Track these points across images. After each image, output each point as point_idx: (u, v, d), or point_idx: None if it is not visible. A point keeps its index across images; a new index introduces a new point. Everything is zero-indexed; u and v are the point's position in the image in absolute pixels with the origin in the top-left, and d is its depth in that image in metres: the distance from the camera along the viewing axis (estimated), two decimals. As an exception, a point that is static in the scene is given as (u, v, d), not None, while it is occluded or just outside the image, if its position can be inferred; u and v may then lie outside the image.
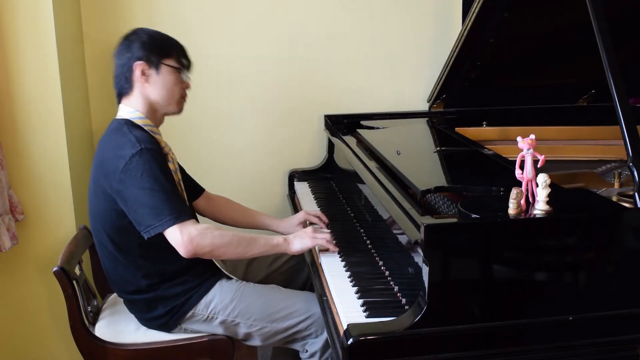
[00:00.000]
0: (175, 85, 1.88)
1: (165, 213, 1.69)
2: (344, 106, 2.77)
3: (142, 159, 1.71)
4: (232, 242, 1.77)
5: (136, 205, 1.71)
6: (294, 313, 1.86)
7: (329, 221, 2.13)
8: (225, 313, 1.87)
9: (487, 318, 1.38)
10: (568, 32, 2.29)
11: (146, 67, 1.83)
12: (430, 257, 1.33)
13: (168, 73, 1.86)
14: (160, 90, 1.86)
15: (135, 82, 1.85)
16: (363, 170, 1.98)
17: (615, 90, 1.53)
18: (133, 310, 1.96)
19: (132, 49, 1.84)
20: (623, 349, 1.45)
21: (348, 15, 2.75)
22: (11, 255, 2.34)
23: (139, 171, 1.70)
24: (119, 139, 1.78)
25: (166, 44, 1.88)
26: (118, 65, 1.88)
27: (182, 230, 1.70)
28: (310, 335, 1.86)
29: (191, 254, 1.73)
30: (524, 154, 1.41)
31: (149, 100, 1.87)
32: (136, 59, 1.83)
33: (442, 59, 2.59)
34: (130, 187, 1.71)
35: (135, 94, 1.87)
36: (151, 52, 1.83)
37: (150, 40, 1.85)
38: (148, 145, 1.75)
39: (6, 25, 2.19)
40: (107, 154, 1.79)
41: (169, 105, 1.89)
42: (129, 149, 1.73)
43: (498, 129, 2.48)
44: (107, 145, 1.82)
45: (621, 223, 1.43)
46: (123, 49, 1.87)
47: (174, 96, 1.89)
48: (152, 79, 1.85)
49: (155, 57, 1.84)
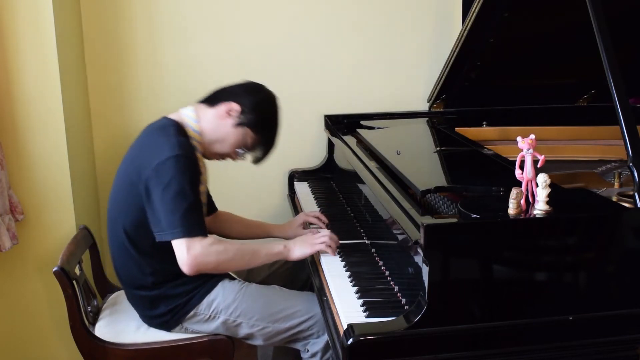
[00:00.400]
0: (229, 145, 1.89)
1: (179, 224, 1.70)
2: (344, 106, 2.77)
3: (176, 165, 1.72)
4: (235, 257, 1.80)
5: (156, 206, 1.73)
6: (296, 313, 1.86)
7: (329, 221, 2.13)
8: (227, 313, 1.87)
9: (487, 318, 1.38)
10: (568, 32, 2.29)
11: (236, 115, 1.86)
12: (430, 257, 1.33)
13: (238, 136, 1.87)
14: (217, 134, 1.88)
15: (218, 108, 1.87)
16: (363, 170, 1.98)
17: (615, 90, 1.53)
18: (136, 305, 1.96)
19: (250, 96, 1.88)
20: (623, 349, 1.45)
21: (348, 15, 2.75)
22: (11, 255, 2.34)
23: (169, 175, 1.71)
24: (160, 138, 1.79)
25: (267, 128, 1.91)
26: (232, 88, 1.92)
27: (189, 247, 1.71)
28: (312, 336, 1.86)
29: (193, 272, 1.74)
30: (524, 154, 1.41)
31: (208, 128, 1.88)
32: (241, 104, 1.86)
33: (442, 59, 2.58)
34: (157, 187, 1.72)
35: (208, 113, 1.88)
36: (253, 114, 1.86)
37: (263, 111, 1.89)
38: (186, 153, 1.76)
39: (6, 25, 2.19)
40: (145, 150, 1.80)
41: (209, 145, 1.89)
42: (167, 150, 1.73)
43: (498, 129, 2.48)
44: (147, 141, 1.83)
45: (621, 223, 1.43)
46: (248, 87, 1.91)
47: (217, 148, 1.90)
48: (226, 122, 1.87)
49: (249, 120, 1.86)
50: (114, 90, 2.66)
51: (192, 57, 2.69)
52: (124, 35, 2.62)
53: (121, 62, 2.64)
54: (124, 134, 2.70)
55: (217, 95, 1.92)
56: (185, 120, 1.88)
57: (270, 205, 2.82)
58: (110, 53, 2.63)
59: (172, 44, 2.67)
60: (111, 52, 2.63)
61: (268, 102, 1.92)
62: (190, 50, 2.68)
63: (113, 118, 2.69)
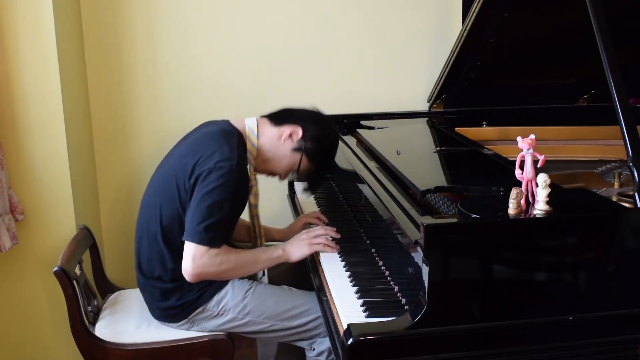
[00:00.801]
0: (282, 167, 1.95)
1: (201, 231, 1.72)
2: (344, 106, 2.76)
3: (226, 176, 1.74)
4: (236, 266, 1.81)
5: (193, 206, 1.74)
6: (304, 313, 1.87)
7: (329, 221, 2.13)
8: (236, 311, 1.88)
9: (487, 318, 1.38)
10: (568, 32, 2.29)
11: (297, 140, 1.90)
12: (430, 257, 1.33)
13: (294, 159, 1.92)
14: (275, 154, 1.92)
15: (283, 130, 1.91)
16: (363, 170, 1.98)
17: (615, 90, 1.53)
18: (146, 294, 1.96)
19: (315, 126, 1.92)
20: (623, 349, 1.45)
21: (348, 15, 2.75)
22: (11, 255, 2.33)
23: (215, 183, 1.73)
24: (223, 144, 1.80)
25: (322, 159, 1.96)
26: (299, 112, 1.95)
27: (196, 255, 1.73)
28: (319, 335, 1.87)
29: (193, 280, 1.78)
30: (524, 154, 1.41)
31: (267, 146, 1.91)
32: (304, 129, 1.90)
33: (442, 59, 2.58)
34: (199, 190, 1.74)
35: (270, 131, 1.92)
36: (313, 143, 1.90)
37: (323, 142, 1.94)
38: (240, 169, 1.78)
39: (6, 25, 2.19)
40: (203, 147, 1.80)
41: (263, 162, 1.94)
42: (223, 159, 1.75)
43: (498, 129, 2.48)
44: (209, 141, 1.83)
45: (621, 223, 1.43)
46: (314, 116, 1.95)
47: (271, 167, 1.96)
48: (286, 144, 1.91)
49: (309, 147, 1.90)
50: (114, 90, 2.66)
51: (192, 58, 2.69)
52: (124, 35, 2.62)
53: (121, 62, 2.64)
54: (124, 134, 2.70)
55: (283, 115, 1.95)
56: (247, 132, 1.91)
57: (270, 205, 2.81)
58: (110, 53, 2.63)
59: (172, 44, 2.67)
60: (111, 52, 2.63)
61: (330, 135, 1.99)
62: (190, 50, 2.68)
63: (113, 118, 2.69)
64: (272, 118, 1.95)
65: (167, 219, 1.84)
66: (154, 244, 1.87)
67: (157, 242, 1.86)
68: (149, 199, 1.93)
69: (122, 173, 2.74)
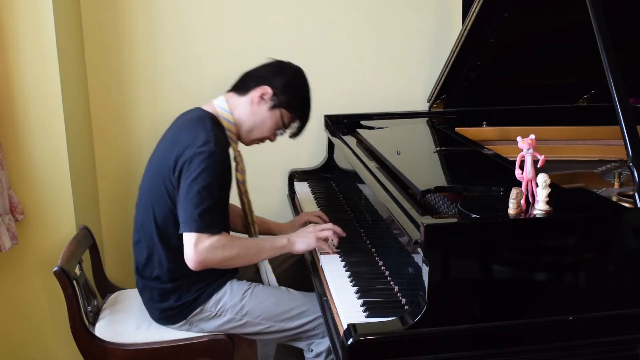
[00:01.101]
0: (267, 129, 1.92)
1: (196, 218, 1.71)
2: (344, 106, 2.76)
3: (208, 160, 1.73)
4: (240, 254, 1.79)
5: (182, 197, 1.74)
6: (303, 313, 1.87)
7: (329, 221, 2.13)
8: (234, 311, 1.88)
9: (487, 318, 1.38)
10: (568, 32, 2.29)
11: (270, 97, 1.88)
12: (430, 257, 1.33)
13: (274, 118, 1.90)
14: (254, 120, 1.90)
15: (249, 95, 1.89)
16: (363, 170, 1.98)
17: (615, 90, 1.53)
18: (144, 295, 1.96)
19: (279, 77, 1.89)
20: (623, 349, 1.45)
21: (348, 15, 2.75)
22: (11, 255, 2.33)
23: (199, 169, 1.72)
24: (198, 131, 1.79)
25: (300, 104, 1.93)
26: (259, 72, 1.92)
27: (197, 242, 1.72)
28: (317, 335, 1.87)
29: (198, 268, 1.75)
30: (524, 154, 1.41)
31: (244, 116, 1.90)
32: (272, 86, 1.87)
33: (442, 59, 2.58)
34: (186, 178, 1.74)
35: (240, 102, 1.90)
36: (285, 94, 1.88)
37: (295, 88, 1.91)
38: (221, 150, 1.77)
39: (6, 25, 2.19)
40: (180, 139, 1.80)
41: (247, 133, 1.93)
42: (202, 144, 1.74)
43: (498, 129, 2.48)
44: (183, 131, 1.83)
45: (621, 223, 1.43)
46: (275, 68, 1.92)
47: (256, 134, 1.94)
48: (261, 107, 1.89)
49: (282, 100, 1.88)
50: (114, 90, 2.66)
51: (192, 57, 2.69)
52: (124, 35, 2.62)
53: (121, 62, 2.64)
54: (124, 134, 2.70)
55: (245, 81, 1.92)
56: (219, 112, 1.89)
57: (270, 205, 2.82)
58: (110, 53, 2.63)
59: (172, 44, 2.67)
60: (111, 52, 2.63)
61: (297, 78, 1.94)
62: (190, 50, 2.68)
63: (113, 118, 2.69)
64: (237, 89, 1.93)
65: (160, 218, 1.84)
66: (151, 244, 1.87)
67: (154, 242, 1.86)
68: (141, 202, 1.93)
69: (122, 173, 2.73)
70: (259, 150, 2.78)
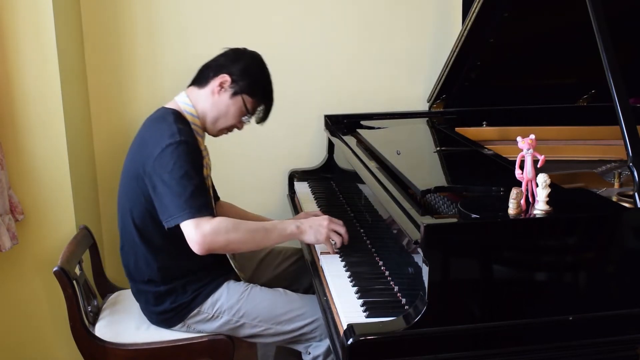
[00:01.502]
0: (232, 117, 1.92)
1: (187, 206, 1.70)
2: (344, 106, 2.76)
3: (178, 150, 1.74)
4: (245, 236, 1.76)
5: (162, 193, 1.73)
6: (300, 316, 1.86)
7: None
8: (231, 313, 1.87)
9: (487, 318, 1.38)
10: (568, 32, 2.29)
11: (227, 84, 1.88)
12: (430, 257, 1.33)
13: (237, 105, 1.90)
14: (218, 110, 1.90)
15: (210, 86, 1.90)
16: (363, 170, 1.98)
17: (615, 90, 1.53)
18: (140, 300, 1.96)
19: (236, 63, 1.90)
20: (623, 349, 1.45)
21: (348, 15, 2.75)
22: (11, 255, 2.33)
23: (172, 161, 1.73)
24: (161, 126, 1.81)
25: (260, 88, 1.93)
26: (216, 61, 1.93)
27: (197, 227, 1.70)
28: (314, 339, 1.86)
29: (204, 251, 1.72)
30: (524, 154, 1.41)
31: (207, 108, 1.90)
32: (228, 72, 1.88)
33: (442, 59, 2.58)
34: (161, 175, 1.73)
35: (201, 93, 1.91)
36: (244, 80, 1.88)
37: (253, 73, 1.91)
38: (187, 139, 1.77)
39: (6, 25, 2.19)
40: (146, 141, 1.82)
41: (212, 124, 1.93)
42: (167, 137, 1.75)
43: (498, 129, 2.48)
44: (149, 131, 1.85)
45: (621, 223, 1.43)
46: (230, 56, 1.93)
47: (222, 123, 1.93)
48: (222, 95, 1.89)
49: (242, 86, 1.88)
50: (114, 90, 2.66)
51: (192, 57, 2.65)
52: (124, 35, 2.62)
53: (121, 62, 2.64)
54: (124, 134, 2.70)
55: (203, 73, 1.93)
56: (181, 107, 1.90)
57: (270, 205, 2.82)
58: (110, 53, 2.63)
59: (172, 44, 2.67)
60: (111, 52, 2.63)
61: (254, 63, 1.94)
62: (190, 50, 2.68)
63: (113, 118, 2.69)
64: (196, 82, 1.94)
65: (139, 219, 1.84)
66: (135, 247, 1.88)
67: (136, 244, 1.86)
68: (119, 207, 1.93)
69: (122, 173, 2.73)
70: (259, 151, 2.80)
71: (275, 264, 2.18)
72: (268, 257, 2.20)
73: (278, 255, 2.21)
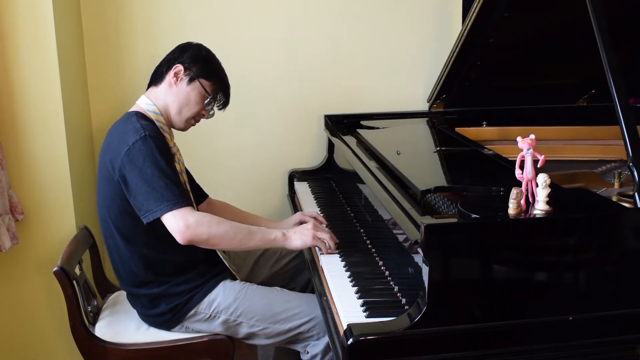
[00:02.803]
0: (194, 104, 1.92)
1: (164, 199, 1.72)
2: (344, 106, 2.77)
3: (145, 145, 1.75)
4: (228, 233, 1.78)
5: (136, 189, 1.74)
6: (297, 315, 1.86)
7: (329, 221, 2.13)
8: (228, 312, 1.87)
9: (487, 318, 1.38)
10: (568, 32, 2.29)
11: (182, 73, 1.90)
12: (430, 257, 1.33)
13: (196, 90, 1.91)
14: (179, 99, 1.91)
15: (166, 80, 1.92)
16: (363, 170, 1.98)
17: (615, 90, 1.53)
18: (136, 305, 1.96)
19: (183, 54, 1.93)
20: (623, 349, 1.45)
21: (348, 15, 2.75)
22: (11, 255, 2.34)
23: (141, 157, 1.74)
24: (125, 127, 1.82)
25: (214, 70, 1.95)
26: (165, 58, 1.96)
27: (179, 217, 1.72)
28: (312, 337, 1.86)
29: (187, 240, 1.74)
30: (524, 154, 1.41)
31: (166, 102, 1.92)
32: (179, 62, 1.91)
33: (442, 59, 2.58)
34: (132, 171, 1.75)
35: (160, 90, 1.93)
36: (196, 65, 1.91)
37: (203, 57, 1.94)
38: (152, 133, 1.79)
39: (6, 25, 2.19)
40: (113, 140, 1.83)
41: (176, 115, 1.93)
42: (132, 135, 1.77)
43: (498, 129, 2.48)
44: (114, 133, 1.86)
45: (621, 223, 1.43)
46: (177, 49, 1.96)
47: (186, 112, 1.93)
48: (180, 85, 1.91)
49: (196, 71, 1.90)
50: (114, 90, 2.66)
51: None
52: (124, 35, 2.62)
53: (121, 62, 2.64)
54: (124, 134, 2.69)
55: (157, 72, 1.97)
56: (144, 108, 1.93)
57: (270, 205, 2.82)
58: (110, 53, 2.63)
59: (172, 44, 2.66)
60: (111, 52, 2.63)
61: (202, 49, 1.97)
62: (190, 50, 2.67)
63: (113, 118, 2.66)
64: (152, 82, 1.97)
65: (118, 220, 1.85)
66: (120, 251, 1.88)
67: (121, 248, 1.87)
68: (100, 213, 1.93)
69: (122, 173, 2.73)
70: (259, 151, 2.80)
71: (271, 263, 2.18)
72: (264, 256, 2.20)
73: (274, 254, 2.21)
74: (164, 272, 1.87)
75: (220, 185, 2.45)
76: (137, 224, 1.80)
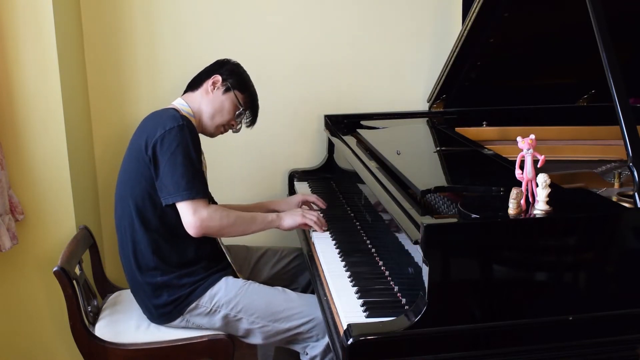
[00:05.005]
0: (227, 112, 2.05)
1: (186, 187, 1.82)
2: (344, 106, 2.77)
3: (181, 133, 1.84)
4: (236, 222, 1.92)
5: (164, 171, 1.83)
6: (297, 315, 1.87)
7: (329, 221, 2.13)
8: (229, 307, 1.89)
9: (487, 318, 1.38)
10: (568, 32, 2.29)
11: (219, 82, 2.03)
12: (430, 257, 1.33)
13: (230, 100, 2.04)
14: (213, 106, 2.03)
15: (203, 87, 2.04)
16: (363, 170, 1.98)
17: (615, 90, 1.53)
18: (138, 295, 1.97)
19: (222, 67, 2.07)
20: (623, 349, 1.45)
21: (348, 15, 2.75)
22: (11, 255, 2.34)
23: (176, 142, 1.83)
24: (164, 114, 1.92)
25: (248, 86, 2.10)
26: (205, 70, 2.09)
27: (195, 210, 1.83)
28: (311, 339, 1.86)
29: (199, 234, 1.85)
30: (524, 154, 1.41)
31: (203, 106, 2.03)
32: (218, 73, 2.04)
33: (442, 59, 2.58)
34: (164, 153, 1.83)
35: (196, 95, 2.05)
36: (233, 77, 2.05)
37: (239, 73, 2.09)
38: (189, 125, 1.88)
39: (6, 25, 2.19)
40: (148, 127, 1.91)
41: (209, 121, 2.04)
42: (171, 122, 1.86)
43: (498, 129, 2.48)
44: (150, 119, 1.95)
45: (621, 223, 1.43)
46: (217, 63, 2.09)
47: (218, 119, 2.05)
48: (216, 93, 2.03)
49: (232, 83, 2.04)
50: (114, 90, 2.66)
51: (192, 58, 2.68)
52: (124, 35, 2.62)
53: (121, 62, 2.64)
54: (124, 134, 2.69)
55: (196, 80, 2.09)
56: (178, 107, 2.02)
57: (270, 205, 2.81)
58: (110, 53, 2.63)
59: (172, 44, 2.67)
60: (111, 52, 2.63)
61: (239, 66, 2.11)
62: (190, 50, 2.68)
63: (113, 118, 2.69)
64: (190, 87, 2.08)
65: (139, 200, 1.89)
66: (134, 233, 1.91)
67: (135, 229, 1.90)
68: (118, 197, 1.98)
69: (122, 173, 2.73)
70: (260, 151, 2.79)
71: (272, 263, 2.20)
72: (265, 256, 2.21)
73: (275, 254, 2.22)
74: (170, 261, 1.90)
75: (220, 185, 2.44)
76: (154, 209, 1.88)
